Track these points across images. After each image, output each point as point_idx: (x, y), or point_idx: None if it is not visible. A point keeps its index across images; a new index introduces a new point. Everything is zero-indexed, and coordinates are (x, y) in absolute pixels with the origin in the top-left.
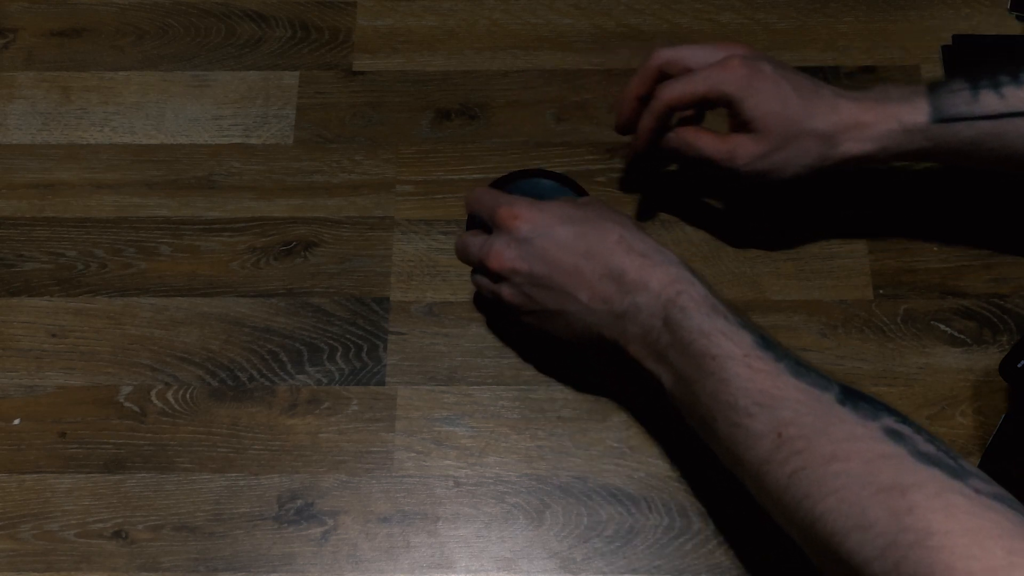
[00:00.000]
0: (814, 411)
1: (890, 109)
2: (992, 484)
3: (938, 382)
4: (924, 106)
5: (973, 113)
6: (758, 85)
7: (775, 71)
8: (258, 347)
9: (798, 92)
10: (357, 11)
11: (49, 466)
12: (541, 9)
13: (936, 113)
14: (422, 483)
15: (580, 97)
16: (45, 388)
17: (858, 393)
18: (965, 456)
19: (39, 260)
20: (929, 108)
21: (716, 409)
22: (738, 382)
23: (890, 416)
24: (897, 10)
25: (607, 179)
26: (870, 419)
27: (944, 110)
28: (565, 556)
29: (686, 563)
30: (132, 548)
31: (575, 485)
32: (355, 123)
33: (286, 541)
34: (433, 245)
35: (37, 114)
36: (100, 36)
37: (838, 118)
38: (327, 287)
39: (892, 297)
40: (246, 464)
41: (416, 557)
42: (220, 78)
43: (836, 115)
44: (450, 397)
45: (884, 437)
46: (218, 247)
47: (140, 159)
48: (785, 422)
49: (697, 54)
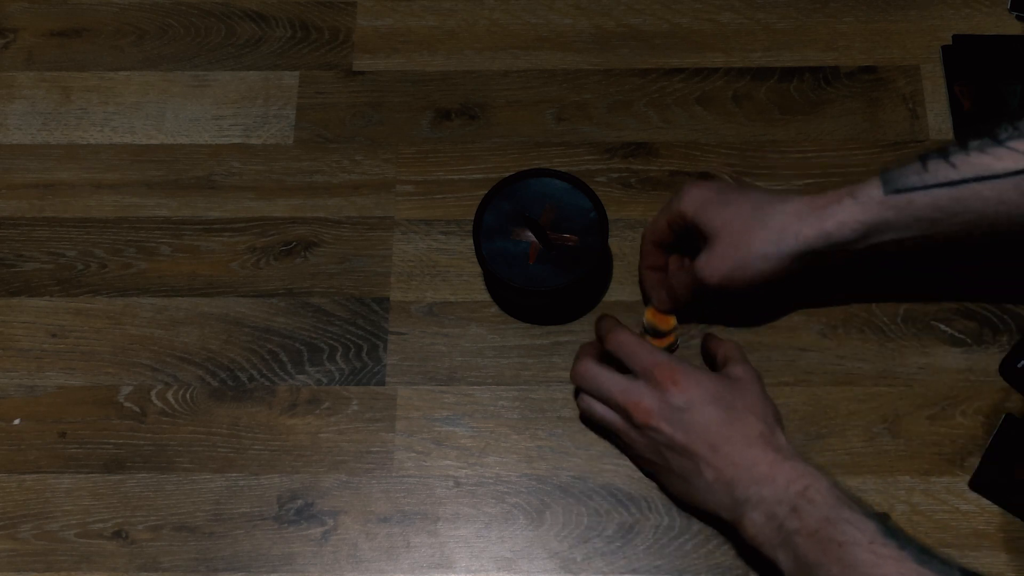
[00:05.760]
0: None
1: (842, 191)
2: None
3: (938, 382)
4: (875, 182)
5: (925, 183)
6: (710, 198)
7: (726, 186)
8: (258, 347)
9: (749, 199)
10: (357, 11)
11: (49, 466)
12: (541, 9)
13: (887, 185)
14: (422, 483)
15: (580, 97)
16: (45, 388)
17: None
18: (965, 456)
19: (39, 260)
20: (880, 183)
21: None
22: (864, 568)
23: None
24: (897, 10)
25: (607, 179)
26: None
27: (894, 182)
28: (565, 556)
29: (686, 563)
30: (132, 548)
31: (575, 485)
32: (355, 123)
33: (286, 541)
34: (433, 245)
35: (37, 114)
36: (100, 36)
37: (791, 207)
38: (327, 287)
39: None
40: (246, 464)
41: (416, 557)
42: (220, 78)
43: (788, 205)
44: (450, 397)
45: None
46: (218, 247)
47: (140, 159)
48: None
49: None
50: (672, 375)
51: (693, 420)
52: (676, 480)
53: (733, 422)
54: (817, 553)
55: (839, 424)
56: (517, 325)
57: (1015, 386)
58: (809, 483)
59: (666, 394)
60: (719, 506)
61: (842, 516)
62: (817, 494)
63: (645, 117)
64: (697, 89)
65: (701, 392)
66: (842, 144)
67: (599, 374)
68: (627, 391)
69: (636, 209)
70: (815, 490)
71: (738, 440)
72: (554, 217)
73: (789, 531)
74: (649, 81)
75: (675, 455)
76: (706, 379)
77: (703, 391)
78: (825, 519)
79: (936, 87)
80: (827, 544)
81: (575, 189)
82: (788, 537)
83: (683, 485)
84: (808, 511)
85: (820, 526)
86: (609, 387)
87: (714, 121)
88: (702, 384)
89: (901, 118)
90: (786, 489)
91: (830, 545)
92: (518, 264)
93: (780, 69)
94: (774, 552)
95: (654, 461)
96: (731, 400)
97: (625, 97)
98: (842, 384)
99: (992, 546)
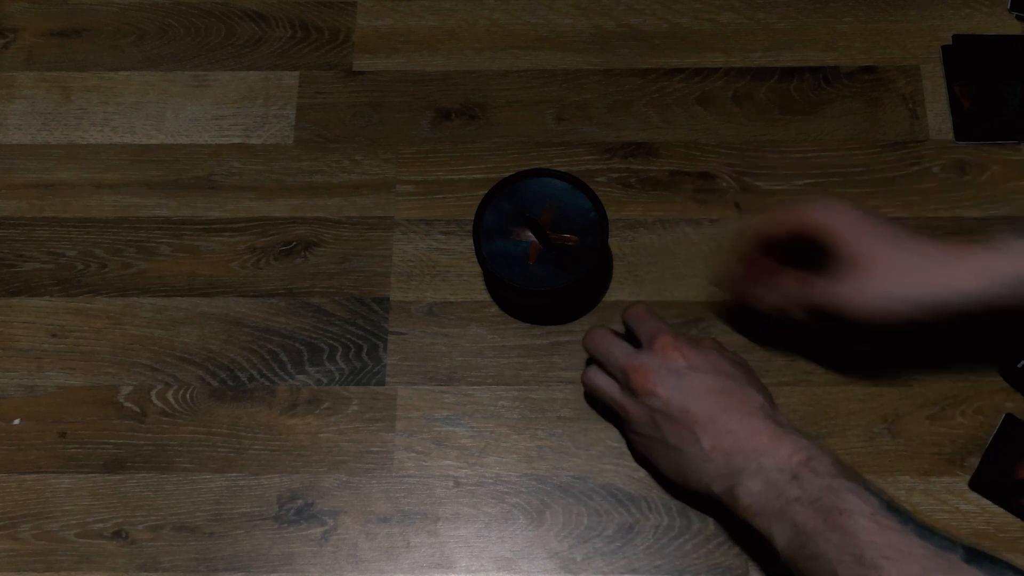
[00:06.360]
0: (941, 567)
1: (981, 245)
2: None
3: (938, 382)
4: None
5: None
6: (857, 219)
7: (870, 212)
8: (258, 347)
9: (903, 234)
10: (357, 11)
11: (49, 466)
12: (541, 9)
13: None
14: (422, 483)
15: (580, 97)
16: (45, 388)
17: (982, 553)
18: (965, 456)
19: (39, 260)
20: None
21: (840, 562)
22: (866, 535)
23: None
24: (897, 10)
25: (607, 179)
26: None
27: None
28: (565, 556)
29: (686, 563)
30: (132, 548)
31: (575, 485)
32: (355, 123)
33: (286, 541)
34: (433, 245)
35: (37, 114)
36: (100, 36)
37: (945, 247)
38: (327, 287)
39: None
40: (246, 464)
41: (416, 557)
42: (220, 78)
43: (941, 246)
44: (450, 397)
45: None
46: (218, 247)
47: (140, 159)
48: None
49: None
50: (675, 343)
51: (692, 385)
52: (671, 454)
53: (733, 392)
54: (817, 521)
55: (839, 424)
56: (517, 325)
57: (1015, 386)
58: (812, 454)
59: (667, 359)
60: (714, 476)
61: (845, 486)
62: (820, 464)
63: (645, 117)
64: (697, 89)
65: (702, 360)
66: (842, 144)
67: (608, 338)
68: (630, 355)
69: (636, 209)
70: (818, 461)
71: (737, 409)
72: (554, 217)
73: (788, 499)
74: (649, 81)
75: (671, 424)
76: (707, 351)
77: (704, 360)
78: (828, 487)
79: (936, 87)
80: (828, 512)
81: (575, 189)
82: (786, 505)
83: (678, 458)
84: (810, 480)
85: (822, 494)
86: (614, 350)
87: (714, 121)
88: (703, 354)
89: (901, 118)
90: (788, 459)
91: (831, 513)
92: (518, 264)
93: (780, 69)
94: (769, 523)
95: (650, 436)
96: (731, 372)
97: (625, 97)
98: (842, 384)
99: (992, 546)
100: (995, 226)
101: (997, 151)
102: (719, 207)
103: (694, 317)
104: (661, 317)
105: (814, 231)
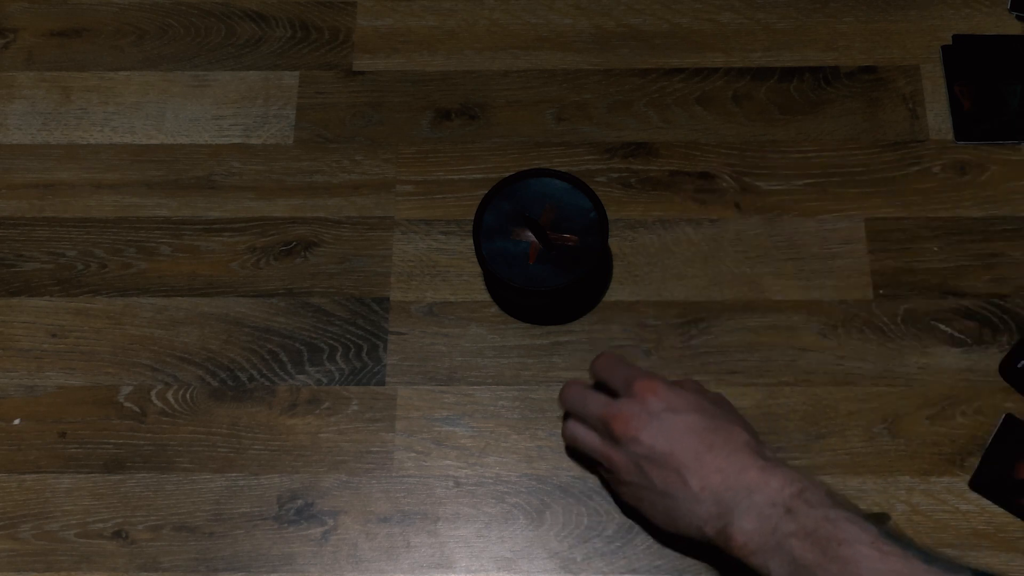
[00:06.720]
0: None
1: None
2: None
3: (938, 382)
4: None
5: None
6: None
7: None
8: (258, 347)
9: None
10: (357, 11)
11: (49, 466)
12: (541, 9)
13: None
14: (422, 483)
15: (580, 97)
16: (45, 388)
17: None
18: (965, 456)
19: (39, 260)
20: None
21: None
22: (868, 563)
23: None
24: (897, 10)
25: (607, 179)
26: None
27: None
28: (565, 556)
29: (686, 563)
30: (132, 548)
31: (575, 485)
32: (355, 123)
33: (286, 541)
34: (433, 245)
35: (37, 114)
36: (100, 36)
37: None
38: (327, 287)
39: (892, 297)
40: (246, 464)
41: (416, 557)
42: (220, 78)
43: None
44: (450, 397)
45: None
46: (218, 247)
47: (140, 159)
48: None
49: None
50: (651, 386)
51: (674, 426)
52: (660, 500)
53: (717, 430)
54: (816, 553)
55: (839, 424)
56: (517, 325)
57: (1015, 386)
58: (804, 486)
59: (646, 403)
60: (705, 518)
61: (842, 515)
62: (813, 495)
63: (645, 117)
64: (697, 89)
65: (681, 400)
66: (842, 144)
67: (584, 392)
68: (607, 403)
69: (636, 209)
70: (811, 492)
71: (723, 447)
72: (554, 217)
73: (784, 533)
74: (649, 81)
75: (657, 469)
76: (687, 391)
77: (683, 400)
78: (824, 518)
79: (936, 87)
80: (826, 543)
81: (575, 189)
82: (783, 540)
83: (667, 504)
84: (804, 512)
85: (818, 525)
86: (590, 401)
87: (714, 121)
88: (682, 394)
89: (901, 118)
90: (780, 492)
91: (830, 544)
92: (518, 264)
93: (780, 69)
94: (765, 560)
95: (637, 484)
96: (712, 410)
97: (625, 97)
98: (842, 384)
99: (992, 546)
100: None
101: (997, 151)
102: (719, 207)
103: (694, 317)
104: (631, 363)
105: None
